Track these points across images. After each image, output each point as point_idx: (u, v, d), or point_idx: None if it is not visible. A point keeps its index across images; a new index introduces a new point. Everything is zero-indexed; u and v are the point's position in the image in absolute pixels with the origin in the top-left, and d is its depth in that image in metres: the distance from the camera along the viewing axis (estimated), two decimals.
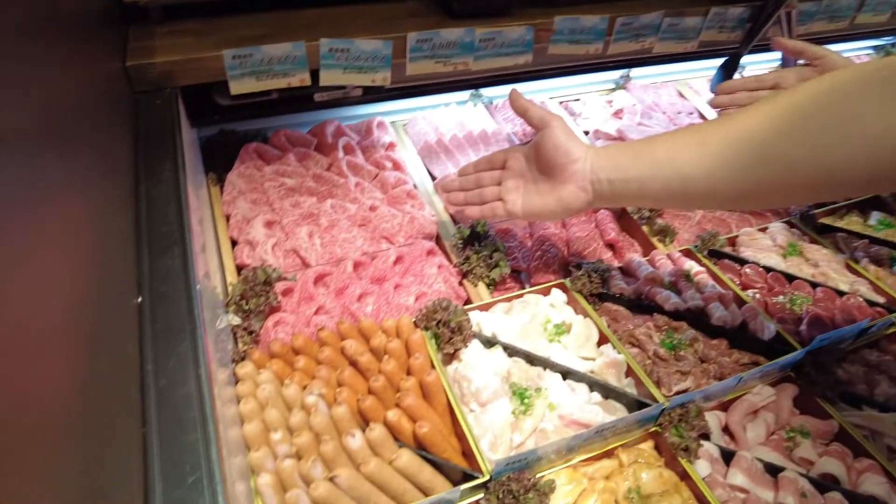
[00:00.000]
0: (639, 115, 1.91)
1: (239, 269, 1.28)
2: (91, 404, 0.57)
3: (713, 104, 1.42)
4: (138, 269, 0.83)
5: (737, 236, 1.51)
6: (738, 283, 1.36)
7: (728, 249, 1.47)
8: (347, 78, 1.31)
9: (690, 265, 1.36)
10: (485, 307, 1.20)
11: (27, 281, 0.50)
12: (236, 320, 1.12)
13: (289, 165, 1.47)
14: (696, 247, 1.41)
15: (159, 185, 0.96)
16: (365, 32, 1.28)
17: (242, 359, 1.04)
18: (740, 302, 1.28)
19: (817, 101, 0.78)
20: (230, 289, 1.18)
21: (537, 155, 1.06)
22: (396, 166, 1.54)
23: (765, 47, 1.60)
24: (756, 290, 1.36)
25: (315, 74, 1.28)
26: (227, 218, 1.37)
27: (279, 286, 1.18)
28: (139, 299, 0.79)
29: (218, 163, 1.48)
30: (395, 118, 1.76)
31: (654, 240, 1.46)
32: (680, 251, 1.41)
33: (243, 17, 1.33)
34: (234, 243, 1.33)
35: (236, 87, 1.23)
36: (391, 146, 1.62)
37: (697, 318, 1.23)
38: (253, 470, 0.87)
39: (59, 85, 0.74)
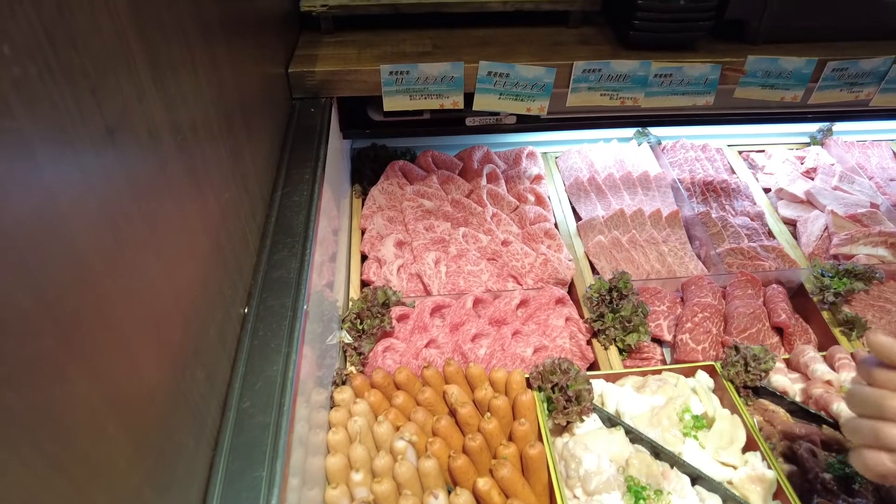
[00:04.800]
0: (836, 177, 1.62)
1: (363, 284, 1.26)
2: (168, 419, 0.54)
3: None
4: (253, 278, 0.82)
5: None
6: None
7: None
8: (502, 104, 1.24)
9: None
10: (613, 377, 1.05)
11: (142, 274, 0.48)
12: (348, 339, 1.10)
13: (430, 187, 1.43)
14: None
15: (293, 195, 0.96)
16: (530, 57, 1.20)
17: (344, 382, 1.00)
18: None
19: None
20: (350, 304, 1.16)
21: None
22: (539, 201, 1.44)
23: None
24: None
25: (470, 98, 1.23)
26: (363, 232, 1.36)
27: (396, 310, 1.14)
28: (245, 310, 0.78)
29: (365, 176, 1.49)
30: (547, 149, 1.66)
31: (837, 331, 1.20)
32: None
33: (412, 32, 1.31)
34: (364, 258, 1.32)
35: (389, 104, 1.22)
36: (538, 178, 1.53)
37: None
38: None
39: (225, 85, 0.75)
